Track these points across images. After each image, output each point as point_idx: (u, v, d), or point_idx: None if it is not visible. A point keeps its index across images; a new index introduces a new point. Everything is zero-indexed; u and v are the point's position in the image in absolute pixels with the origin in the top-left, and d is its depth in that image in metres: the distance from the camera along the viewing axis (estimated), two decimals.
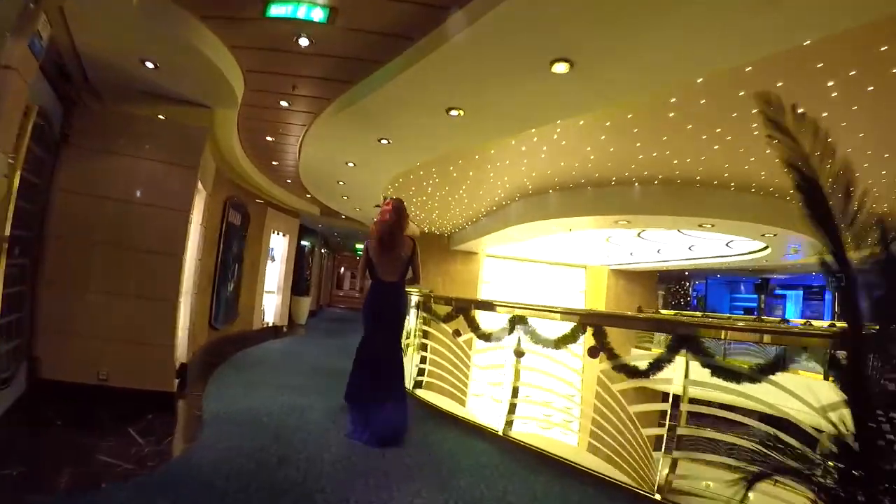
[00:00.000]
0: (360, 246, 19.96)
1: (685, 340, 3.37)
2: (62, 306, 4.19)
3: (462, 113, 4.14)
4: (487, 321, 5.17)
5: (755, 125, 5.02)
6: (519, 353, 4.55)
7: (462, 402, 5.50)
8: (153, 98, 4.51)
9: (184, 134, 4.56)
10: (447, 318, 5.55)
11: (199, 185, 5.27)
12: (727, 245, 10.88)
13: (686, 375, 3.37)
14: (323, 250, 17.84)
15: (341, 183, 7.51)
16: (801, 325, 13.05)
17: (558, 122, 4.92)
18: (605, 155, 6.07)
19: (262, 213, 9.05)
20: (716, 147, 5.57)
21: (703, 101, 4.60)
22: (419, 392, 5.65)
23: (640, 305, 15.62)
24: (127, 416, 3.96)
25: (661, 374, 3.59)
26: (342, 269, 31.21)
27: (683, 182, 6.89)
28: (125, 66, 3.97)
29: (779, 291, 20.93)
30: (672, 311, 16.15)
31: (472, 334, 5.21)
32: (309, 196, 9.54)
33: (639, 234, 9.75)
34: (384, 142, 5.13)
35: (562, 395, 4.53)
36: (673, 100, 4.71)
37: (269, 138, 5.97)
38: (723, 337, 3.40)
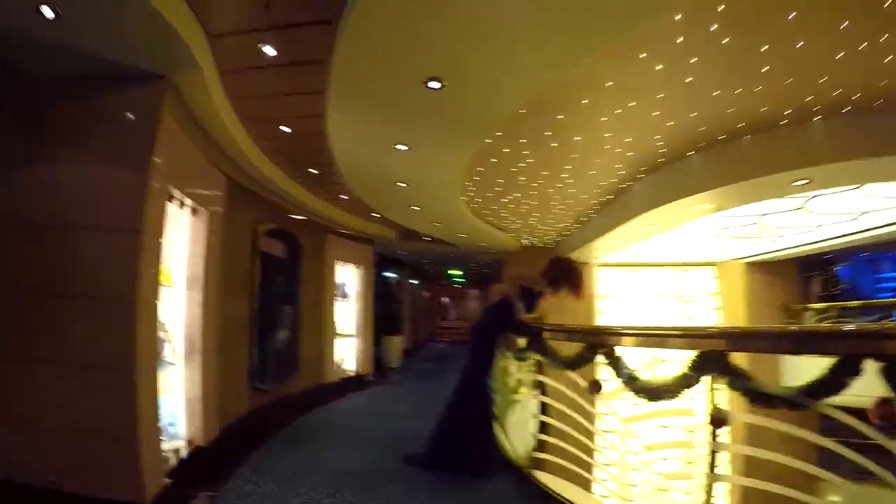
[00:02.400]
0: (454, 272, 18.26)
1: None
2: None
3: None
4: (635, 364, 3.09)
5: None
6: (719, 421, 2.34)
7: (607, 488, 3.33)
8: (91, 79, 3.01)
9: (123, 118, 3.03)
10: (575, 363, 3.45)
11: (186, 199, 3.74)
12: None
13: None
14: (414, 281, 16.33)
15: (402, 185, 5.76)
16: None
17: None
18: (789, 63, 3.69)
19: (319, 241, 7.53)
20: None
21: None
22: (539, 475, 3.56)
23: (785, 302, 12.12)
24: None
25: None
26: (446, 300, 29.85)
27: (888, 102, 4.23)
28: (19, 19, 2.52)
29: None
30: (823, 305, 12.21)
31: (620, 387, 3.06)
32: (377, 216, 7.96)
33: (802, 207, 6.85)
34: (434, 85, 3.25)
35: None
36: None
37: (284, 128, 4.37)
38: None
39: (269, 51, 3.14)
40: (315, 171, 5.57)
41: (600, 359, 3.20)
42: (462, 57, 3.00)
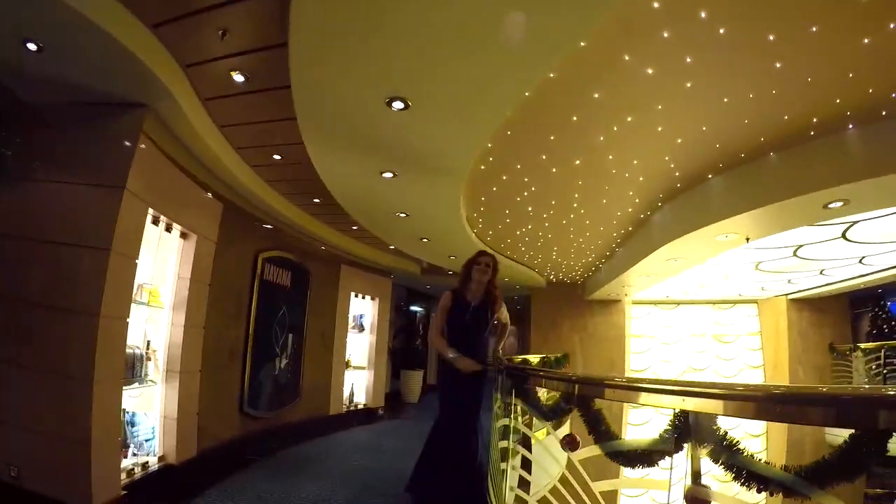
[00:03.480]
0: None
1: None
2: None
3: None
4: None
5: None
6: (697, 499, 1.98)
7: None
8: (78, 106, 3.26)
9: (105, 143, 3.22)
10: (552, 413, 3.24)
11: (174, 224, 3.89)
12: None
13: None
14: None
15: (402, 215, 5.77)
16: None
17: None
18: (806, 55, 3.15)
19: (332, 271, 7.61)
20: None
21: None
22: None
23: (832, 341, 10.91)
24: None
25: None
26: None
27: None
28: (10, 50, 2.79)
29: None
30: (873, 344, 10.80)
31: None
32: (393, 248, 8.02)
33: (844, 234, 6.27)
34: (398, 105, 3.23)
35: None
36: None
37: (276, 156, 4.51)
38: None
39: (238, 77, 3.27)
40: (318, 200, 5.68)
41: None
42: (425, 73, 2.90)
